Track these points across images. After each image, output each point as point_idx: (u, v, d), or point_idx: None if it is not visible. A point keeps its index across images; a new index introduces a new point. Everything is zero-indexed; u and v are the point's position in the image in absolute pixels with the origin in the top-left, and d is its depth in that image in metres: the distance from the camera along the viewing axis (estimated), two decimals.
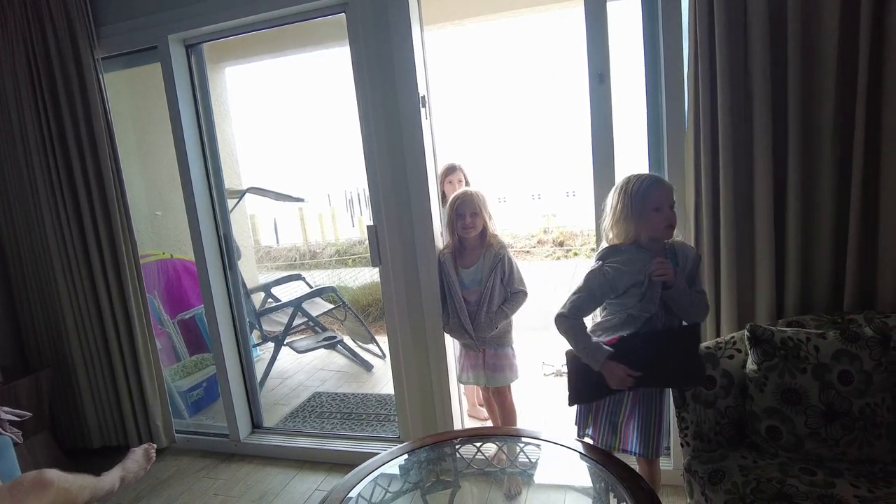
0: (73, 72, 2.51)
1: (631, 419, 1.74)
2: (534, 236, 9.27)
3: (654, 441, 1.71)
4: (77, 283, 2.70)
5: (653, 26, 2.01)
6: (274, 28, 2.42)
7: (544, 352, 3.73)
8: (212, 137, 2.71)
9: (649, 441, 1.71)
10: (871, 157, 1.69)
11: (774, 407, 1.57)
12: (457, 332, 2.31)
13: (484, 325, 2.23)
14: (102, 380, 2.81)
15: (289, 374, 3.92)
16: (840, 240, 1.76)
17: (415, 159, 2.25)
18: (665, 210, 1.64)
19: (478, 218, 2.23)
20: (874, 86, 1.65)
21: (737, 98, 1.77)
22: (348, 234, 8.87)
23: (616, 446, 1.76)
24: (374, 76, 2.23)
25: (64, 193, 2.62)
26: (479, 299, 2.24)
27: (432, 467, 1.85)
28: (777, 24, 1.72)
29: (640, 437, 1.72)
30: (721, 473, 1.53)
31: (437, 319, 2.36)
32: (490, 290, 2.21)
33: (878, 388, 1.50)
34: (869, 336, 1.53)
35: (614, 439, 1.77)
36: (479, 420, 2.95)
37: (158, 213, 3.76)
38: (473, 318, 2.25)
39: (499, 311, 2.23)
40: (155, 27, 2.47)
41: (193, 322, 3.61)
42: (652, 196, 1.63)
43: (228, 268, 2.78)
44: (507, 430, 2.08)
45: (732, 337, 1.77)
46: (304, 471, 2.62)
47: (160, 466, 2.76)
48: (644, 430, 1.71)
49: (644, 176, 1.67)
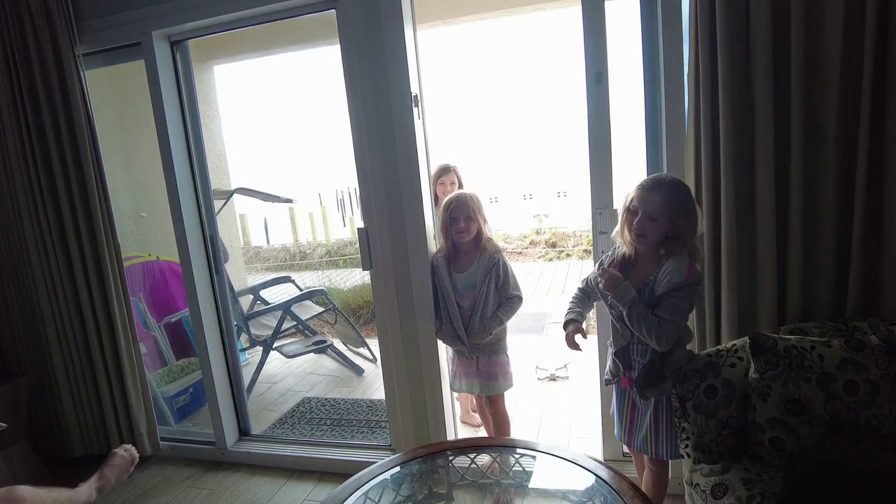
0: (53, 68, 2.42)
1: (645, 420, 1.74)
2: (526, 237, 9.23)
3: (667, 442, 1.70)
4: (57, 287, 2.61)
5: (652, 25, 1.97)
6: (262, 25, 2.35)
7: (538, 356, 3.68)
8: (198, 137, 2.63)
9: (663, 442, 1.70)
10: (874, 161, 1.65)
11: (778, 417, 1.52)
12: (449, 339, 2.25)
13: (478, 332, 2.17)
14: (84, 386, 2.72)
15: (277, 379, 3.84)
16: (843, 245, 1.72)
17: (407, 160, 2.19)
18: (641, 216, 1.61)
19: (472, 222, 2.18)
20: (878, 86, 1.61)
21: (738, 101, 1.73)
22: (339, 235, 8.79)
23: (636, 445, 1.79)
24: (365, 75, 2.17)
25: (44, 194, 2.53)
26: (473, 304, 2.18)
27: (425, 480, 1.79)
28: (779, 22, 1.67)
29: (653, 438, 1.70)
30: (724, 487, 1.49)
31: (430, 324, 2.30)
32: (484, 295, 2.16)
33: (885, 398, 1.46)
34: (875, 344, 1.49)
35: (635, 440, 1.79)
36: (473, 427, 2.90)
37: (144, 215, 3.67)
38: (467, 324, 2.19)
39: (493, 317, 2.17)
40: (138, 23, 2.39)
41: (180, 325, 3.52)
42: (635, 196, 1.64)
43: (215, 271, 2.71)
44: (501, 441, 2.02)
45: (734, 344, 1.72)
46: (294, 480, 2.55)
47: (144, 475, 2.68)
48: (657, 431, 1.70)
49: (653, 175, 1.68)
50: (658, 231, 1.61)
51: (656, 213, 1.59)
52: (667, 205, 1.59)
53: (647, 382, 1.69)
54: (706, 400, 1.64)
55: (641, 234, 1.63)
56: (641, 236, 1.63)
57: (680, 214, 1.59)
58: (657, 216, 1.60)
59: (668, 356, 1.66)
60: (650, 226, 1.61)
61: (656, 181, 1.64)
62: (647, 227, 1.61)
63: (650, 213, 1.60)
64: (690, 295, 1.61)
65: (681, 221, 1.59)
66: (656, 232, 1.61)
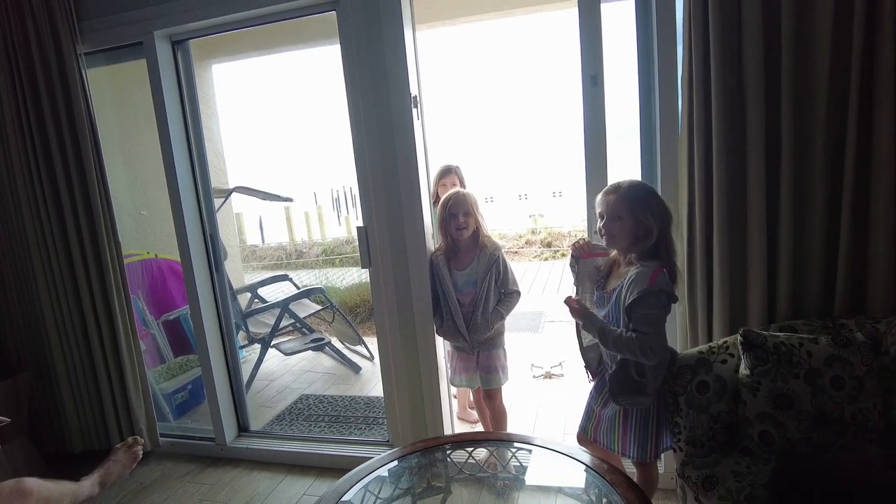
0: (55, 67, 2.44)
1: (626, 423, 1.73)
2: (521, 237, 9.28)
3: (649, 445, 1.71)
4: (58, 283, 2.64)
5: (646, 29, 2.01)
6: (263, 25, 2.38)
7: (534, 354, 3.72)
8: (198, 136, 2.65)
9: (645, 445, 1.70)
10: (861, 166, 1.69)
11: (767, 412, 1.57)
12: (451, 335, 2.30)
13: (480, 327, 2.23)
14: (84, 382, 2.75)
15: (275, 376, 3.87)
16: (832, 245, 1.77)
17: (406, 160, 2.23)
18: (607, 218, 1.67)
19: (470, 218, 2.23)
20: (866, 91, 1.66)
21: (731, 103, 1.77)
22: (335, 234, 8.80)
23: (615, 449, 1.76)
24: (365, 76, 2.20)
25: (45, 192, 2.55)
26: (474, 301, 2.24)
27: (423, 473, 1.82)
28: (771, 27, 1.72)
29: (636, 441, 1.71)
30: (715, 479, 1.53)
31: (428, 321, 2.33)
32: (486, 291, 2.22)
33: (870, 393, 1.51)
34: (861, 341, 1.54)
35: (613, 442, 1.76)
36: (469, 423, 2.94)
37: (143, 213, 3.68)
38: (468, 321, 2.25)
39: (494, 312, 2.24)
40: (140, 23, 2.41)
41: (178, 323, 3.54)
42: (599, 201, 1.71)
43: (215, 269, 2.73)
44: (498, 435, 2.06)
45: (725, 341, 1.77)
46: (292, 475, 2.58)
47: (144, 471, 2.71)
48: (639, 433, 1.71)
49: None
50: (625, 229, 1.64)
51: (619, 210, 1.64)
52: (627, 201, 1.64)
53: (621, 389, 1.68)
54: (698, 395, 1.68)
55: (610, 235, 1.68)
56: (611, 237, 1.68)
57: (642, 208, 1.62)
58: (621, 214, 1.64)
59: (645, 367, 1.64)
60: (616, 225, 1.65)
61: (614, 184, 1.71)
62: (613, 227, 1.66)
63: (614, 213, 1.65)
64: (658, 301, 1.59)
65: (644, 216, 1.62)
66: (623, 231, 1.65)
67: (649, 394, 1.66)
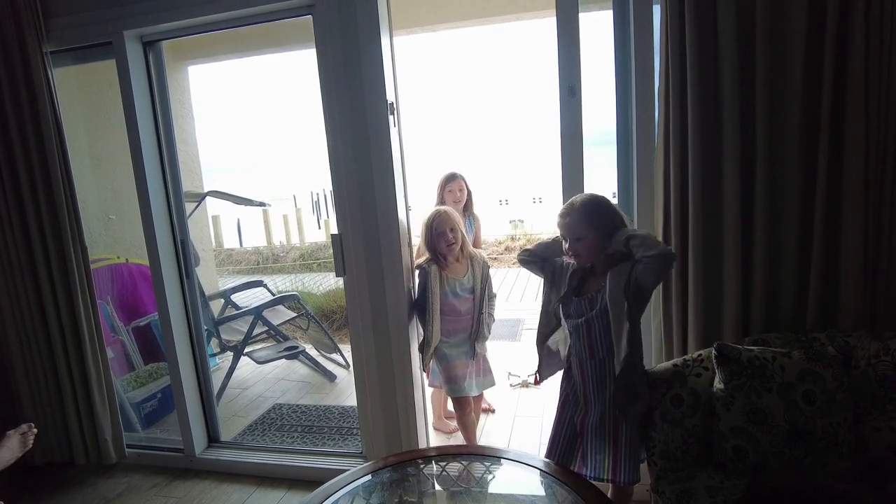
0: (19, 65, 2.36)
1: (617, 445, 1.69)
2: (501, 243, 9.29)
3: (625, 467, 1.67)
4: (20, 288, 2.55)
5: (625, 39, 2.00)
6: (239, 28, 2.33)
7: (511, 363, 3.70)
8: (170, 139, 2.59)
9: (621, 467, 1.67)
10: (833, 179, 1.71)
11: (741, 426, 1.56)
12: (456, 347, 2.42)
13: (484, 332, 2.42)
14: (46, 391, 2.65)
15: (248, 385, 3.79)
16: (805, 259, 1.77)
17: (382, 167, 2.19)
18: (570, 241, 1.70)
19: (457, 232, 2.36)
20: (838, 108, 1.68)
21: (706, 114, 1.77)
22: (314, 237, 8.71)
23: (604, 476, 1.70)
24: (341, 82, 2.16)
25: (6, 194, 2.47)
26: (472, 307, 2.40)
27: (396, 488, 1.78)
28: (746, 41, 1.73)
29: (612, 464, 1.68)
30: (689, 494, 1.52)
31: (404, 330, 2.30)
32: (482, 297, 2.41)
33: (840, 407, 1.51)
34: (832, 355, 1.55)
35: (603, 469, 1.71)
36: (445, 433, 2.91)
37: (112, 217, 3.59)
38: (471, 327, 2.41)
39: (489, 316, 2.46)
40: (109, 22, 2.35)
41: (150, 329, 3.45)
42: (558, 225, 1.74)
43: (185, 275, 2.66)
44: (471, 450, 2.03)
45: (699, 354, 1.77)
46: (264, 488, 2.52)
47: (109, 484, 2.62)
48: (616, 454, 1.68)
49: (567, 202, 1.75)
50: (589, 245, 1.68)
51: (578, 232, 1.68)
52: (584, 219, 1.67)
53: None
54: (672, 409, 1.67)
55: (577, 255, 1.71)
56: (577, 256, 1.71)
57: (600, 221, 1.66)
58: (580, 234, 1.68)
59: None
60: (579, 245, 1.69)
61: (568, 205, 1.72)
62: (578, 248, 1.70)
63: (574, 236, 1.69)
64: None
65: (605, 227, 1.66)
66: (588, 248, 1.68)
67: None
